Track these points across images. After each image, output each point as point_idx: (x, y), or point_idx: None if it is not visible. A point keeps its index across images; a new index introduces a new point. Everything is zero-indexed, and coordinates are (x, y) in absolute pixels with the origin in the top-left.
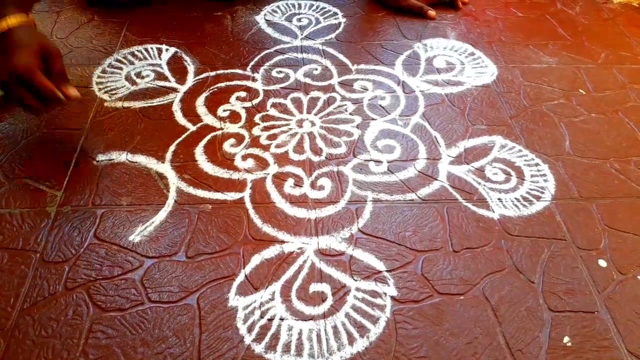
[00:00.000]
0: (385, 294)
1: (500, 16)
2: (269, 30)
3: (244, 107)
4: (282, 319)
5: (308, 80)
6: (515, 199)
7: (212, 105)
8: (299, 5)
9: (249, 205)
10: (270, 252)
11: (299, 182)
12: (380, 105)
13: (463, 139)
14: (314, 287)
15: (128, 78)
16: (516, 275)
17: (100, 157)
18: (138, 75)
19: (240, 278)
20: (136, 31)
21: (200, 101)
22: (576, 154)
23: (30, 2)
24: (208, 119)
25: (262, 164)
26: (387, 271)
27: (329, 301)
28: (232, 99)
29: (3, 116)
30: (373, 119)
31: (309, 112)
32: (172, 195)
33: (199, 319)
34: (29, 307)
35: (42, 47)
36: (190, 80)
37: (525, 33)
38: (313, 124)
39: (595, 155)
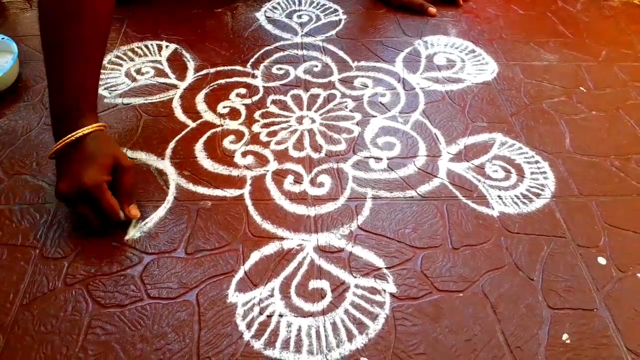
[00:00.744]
0: (384, 290)
1: (501, 13)
2: (269, 27)
3: (244, 104)
4: (281, 316)
5: (308, 77)
6: (515, 196)
7: (212, 102)
8: (300, 2)
9: (248, 201)
10: (270, 248)
11: (298, 179)
12: (380, 102)
13: (463, 136)
14: (313, 284)
15: (128, 74)
16: (515, 273)
17: None
18: (138, 71)
19: (240, 274)
20: (136, 28)
21: (200, 98)
22: (576, 152)
23: (96, 97)
24: (208, 115)
25: (262, 160)
26: (386, 268)
27: (328, 298)
28: (232, 95)
29: (3, 112)
30: (373, 116)
31: (309, 109)
32: (171, 192)
33: (198, 315)
34: (28, 302)
35: (114, 159)
36: (190, 76)
37: (526, 30)
38: (313, 120)
39: (595, 153)
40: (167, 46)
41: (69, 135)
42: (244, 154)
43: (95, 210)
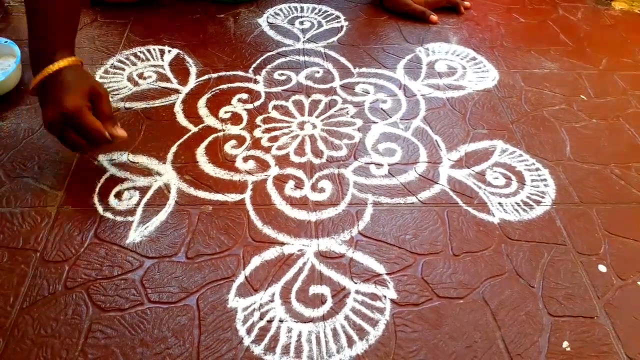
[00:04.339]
0: (384, 296)
1: (503, 21)
2: (271, 33)
3: (245, 109)
4: (281, 321)
5: (310, 83)
6: (516, 203)
7: (213, 107)
8: (302, 9)
9: (249, 206)
10: (270, 253)
11: (299, 184)
12: (381, 109)
13: (464, 143)
14: (314, 289)
15: (130, 79)
16: (516, 280)
17: (102, 157)
18: (140, 76)
19: (240, 279)
20: (139, 32)
21: (202, 103)
22: (577, 160)
23: (73, 38)
24: (210, 120)
25: (263, 165)
26: (387, 274)
27: (329, 303)
28: (234, 100)
29: (5, 115)
30: (374, 122)
31: (310, 115)
32: (172, 196)
33: (199, 319)
34: (29, 306)
35: (90, 88)
36: (192, 81)
37: (527, 38)
38: (314, 126)
39: (595, 161)
40: (169, 51)
41: (48, 68)
42: (245, 159)
43: (81, 134)
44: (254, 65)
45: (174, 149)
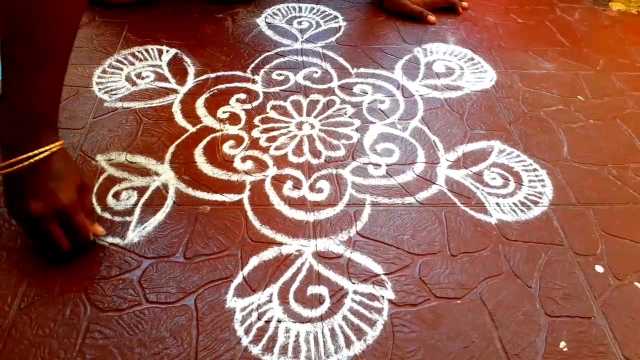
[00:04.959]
0: (382, 297)
1: (500, 22)
2: (269, 33)
3: (243, 109)
4: (279, 321)
5: (308, 83)
6: (513, 203)
7: (211, 107)
8: (300, 9)
9: (247, 207)
10: (269, 254)
11: (297, 185)
12: (379, 109)
13: (462, 143)
14: (312, 290)
15: (128, 79)
16: (513, 280)
17: (100, 157)
18: (138, 76)
19: (238, 280)
20: (137, 32)
21: (200, 103)
22: (574, 160)
23: (57, 111)
24: (208, 120)
25: (261, 166)
26: (384, 274)
27: (327, 304)
28: (232, 100)
29: None
30: (372, 123)
31: (308, 115)
32: (171, 196)
33: (197, 320)
34: (27, 306)
35: (80, 180)
36: (191, 81)
37: (524, 39)
38: (312, 126)
39: (593, 162)
40: (167, 51)
41: (34, 152)
42: (244, 159)
43: (67, 232)
44: (252, 65)
45: (172, 149)
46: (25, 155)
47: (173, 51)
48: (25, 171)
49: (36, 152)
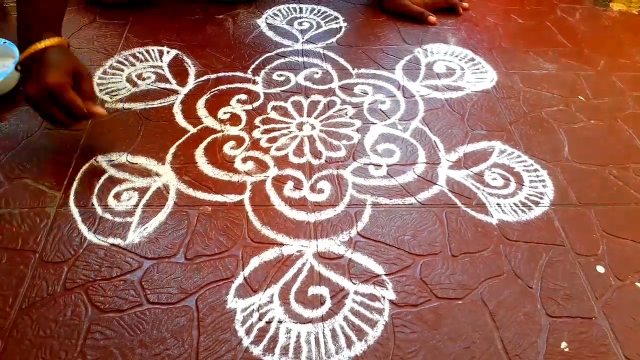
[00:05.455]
0: (383, 297)
1: (501, 22)
2: (270, 34)
3: (244, 110)
4: (280, 322)
5: (308, 84)
6: (514, 204)
7: (212, 108)
8: (300, 9)
9: (248, 207)
10: (269, 254)
11: (298, 185)
12: (380, 110)
13: (462, 143)
14: (313, 290)
15: (129, 79)
16: (514, 281)
17: (101, 158)
18: (139, 76)
19: (239, 280)
20: (138, 33)
21: (200, 103)
22: (575, 160)
23: (59, 23)
24: (208, 121)
25: (262, 166)
26: (385, 275)
27: (328, 304)
28: (233, 101)
29: (4, 116)
30: (373, 123)
31: (309, 116)
32: (171, 197)
33: (198, 320)
34: (28, 307)
35: (74, 67)
36: (191, 82)
37: (525, 40)
38: (313, 127)
39: (594, 162)
40: (168, 52)
41: (34, 45)
42: (244, 160)
43: (62, 109)
44: (252, 66)
45: (172, 149)
46: (30, 48)
47: (174, 52)
48: (30, 62)
49: (34, 45)
